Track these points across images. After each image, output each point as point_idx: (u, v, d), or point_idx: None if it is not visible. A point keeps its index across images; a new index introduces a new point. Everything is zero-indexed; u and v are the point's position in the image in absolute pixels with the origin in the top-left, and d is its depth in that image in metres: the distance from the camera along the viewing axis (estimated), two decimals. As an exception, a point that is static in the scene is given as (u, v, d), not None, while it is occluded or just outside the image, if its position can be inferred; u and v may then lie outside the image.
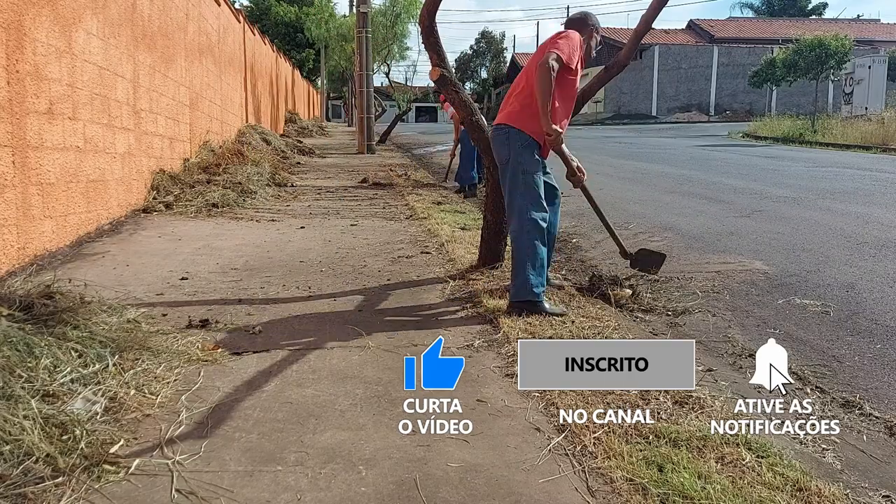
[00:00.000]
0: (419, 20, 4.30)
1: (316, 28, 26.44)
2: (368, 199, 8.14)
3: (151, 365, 2.55)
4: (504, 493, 1.82)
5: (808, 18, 46.11)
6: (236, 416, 2.24)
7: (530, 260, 3.42)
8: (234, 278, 4.12)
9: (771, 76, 24.18)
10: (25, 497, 1.71)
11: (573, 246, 5.77)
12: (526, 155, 3.51)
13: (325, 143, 20.82)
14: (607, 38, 4.74)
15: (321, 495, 1.79)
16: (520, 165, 3.52)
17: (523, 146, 3.51)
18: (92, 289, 3.25)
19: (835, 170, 11.03)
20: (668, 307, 3.89)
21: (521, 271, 3.42)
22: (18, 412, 1.91)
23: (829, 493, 1.85)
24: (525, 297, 3.39)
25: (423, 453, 2.02)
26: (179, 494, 1.78)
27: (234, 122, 12.33)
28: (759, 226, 6.13)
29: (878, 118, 18.42)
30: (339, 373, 2.64)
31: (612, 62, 4.02)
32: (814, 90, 23.16)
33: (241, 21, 13.83)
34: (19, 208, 4.02)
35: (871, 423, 2.48)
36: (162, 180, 6.97)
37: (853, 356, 3.13)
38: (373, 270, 4.36)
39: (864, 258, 4.79)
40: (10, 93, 3.91)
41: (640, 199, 8.02)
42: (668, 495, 1.79)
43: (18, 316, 2.48)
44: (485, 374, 2.66)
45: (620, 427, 2.17)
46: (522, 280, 3.41)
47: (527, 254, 3.44)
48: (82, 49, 4.96)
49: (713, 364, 3.03)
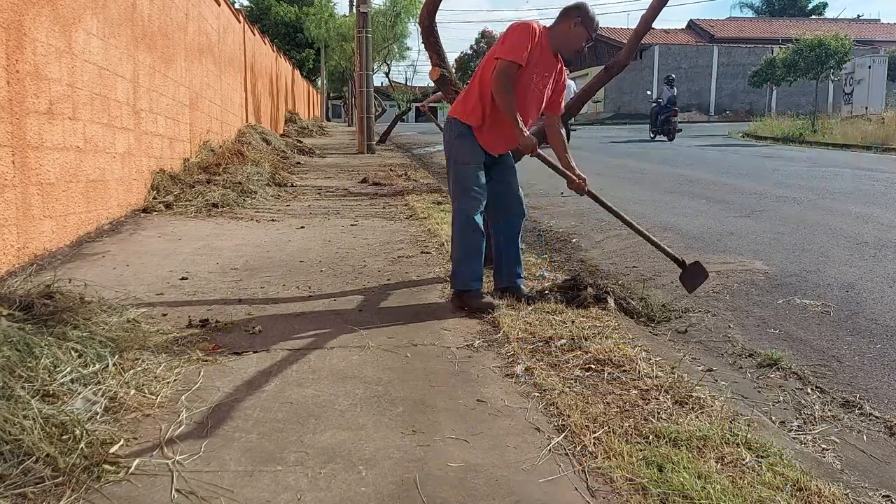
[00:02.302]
0: (419, 20, 4.30)
1: (316, 28, 26.44)
2: (368, 199, 8.14)
3: (151, 365, 2.55)
4: (504, 493, 1.82)
5: (808, 18, 46.13)
6: (236, 416, 2.24)
7: (461, 251, 3.47)
8: (234, 278, 4.12)
9: (771, 76, 24.18)
10: (25, 497, 1.71)
11: (573, 246, 5.77)
12: (457, 144, 3.46)
13: (325, 142, 20.82)
14: (607, 38, 4.76)
15: (321, 495, 1.79)
16: (452, 155, 3.50)
17: (456, 135, 3.46)
18: (92, 289, 3.25)
19: (835, 170, 11.03)
20: (668, 307, 3.89)
21: (454, 263, 3.51)
22: (18, 412, 1.91)
23: (829, 493, 1.85)
24: (458, 288, 3.47)
25: (422, 453, 2.02)
26: (179, 494, 1.78)
27: (234, 121, 12.33)
28: (759, 226, 6.13)
29: (878, 118, 18.43)
30: (339, 373, 2.64)
31: (612, 62, 4.02)
32: (814, 90, 23.17)
33: (241, 21, 13.83)
34: (19, 208, 4.02)
35: (871, 423, 2.48)
36: (162, 180, 6.97)
37: (853, 356, 3.13)
38: (373, 270, 4.36)
39: (864, 258, 4.79)
40: (10, 93, 3.91)
41: (640, 199, 8.02)
42: (667, 495, 1.79)
43: (18, 316, 2.48)
44: (485, 374, 2.66)
45: (620, 427, 2.17)
46: (455, 271, 3.50)
47: (458, 245, 3.49)
48: (82, 49, 4.96)
49: (713, 364, 3.03)
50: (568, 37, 3.34)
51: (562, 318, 3.30)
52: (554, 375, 2.60)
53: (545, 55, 3.32)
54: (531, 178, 10.23)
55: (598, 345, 2.92)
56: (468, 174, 3.45)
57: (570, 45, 3.37)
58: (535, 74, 3.32)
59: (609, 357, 2.78)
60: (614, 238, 5.94)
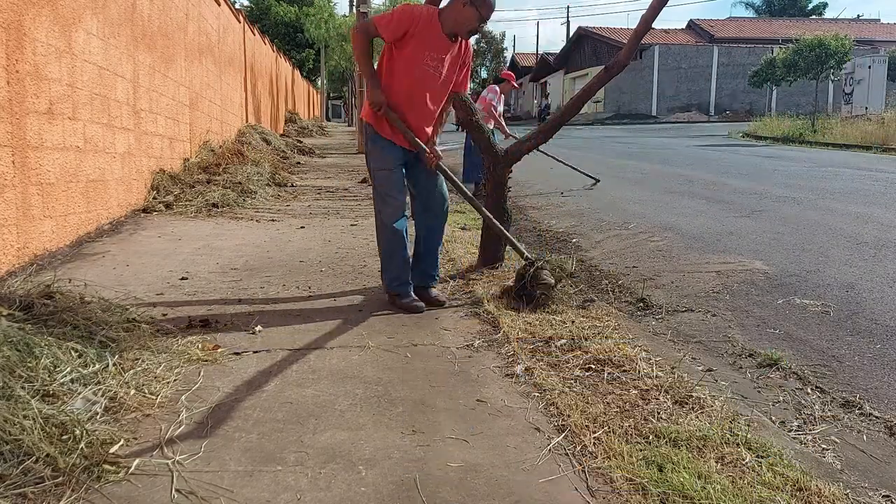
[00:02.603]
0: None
1: (316, 28, 26.45)
2: (368, 199, 8.13)
3: (151, 365, 2.55)
4: (504, 493, 1.82)
5: (808, 18, 46.11)
6: (236, 416, 2.24)
7: (383, 257, 3.59)
8: (234, 278, 4.12)
9: (771, 76, 24.18)
10: (25, 497, 1.71)
11: (573, 245, 5.77)
12: (370, 150, 3.56)
13: (325, 142, 20.82)
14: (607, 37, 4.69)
15: (321, 495, 1.79)
16: (369, 162, 3.60)
17: (369, 140, 3.56)
18: (92, 289, 3.25)
19: (835, 170, 11.03)
20: (668, 307, 3.89)
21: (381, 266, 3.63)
22: (18, 412, 1.91)
23: (829, 493, 1.85)
24: (385, 290, 3.61)
25: (422, 453, 2.02)
26: (179, 494, 1.78)
27: (233, 121, 12.33)
28: (759, 226, 6.12)
29: (878, 118, 18.43)
30: (339, 373, 2.64)
31: (612, 62, 4.02)
32: (814, 90, 23.17)
33: (241, 21, 13.83)
34: (19, 208, 4.02)
35: (871, 423, 2.48)
36: (162, 180, 6.97)
37: (853, 356, 3.13)
38: (373, 270, 4.36)
39: (864, 258, 4.79)
40: (10, 93, 3.91)
41: (640, 199, 8.02)
42: (667, 495, 1.79)
43: (18, 316, 2.48)
44: (485, 374, 2.66)
45: (620, 427, 2.17)
46: (381, 275, 3.64)
47: (381, 250, 3.60)
48: (82, 49, 4.96)
49: (713, 364, 3.03)
50: (459, 18, 3.39)
51: (562, 318, 3.30)
52: (554, 375, 2.60)
53: (436, 36, 3.40)
54: (531, 178, 10.24)
55: (598, 345, 2.92)
56: (383, 180, 3.53)
57: (463, 25, 3.40)
58: (427, 56, 3.41)
59: (609, 357, 2.78)
60: (614, 238, 5.93)
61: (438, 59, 3.44)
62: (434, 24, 3.39)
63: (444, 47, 3.44)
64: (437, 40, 3.41)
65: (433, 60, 3.43)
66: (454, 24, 3.40)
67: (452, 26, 3.41)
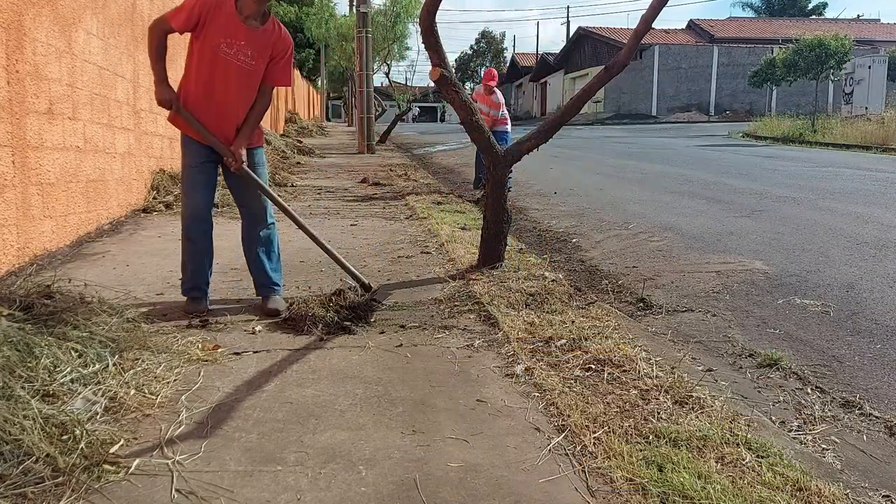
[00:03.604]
0: (419, 20, 4.30)
1: (316, 28, 26.41)
2: (368, 199, 8.13)
3: (151, 365, 2.55)
4: (504, 493, 1.82)
5: (808, 18, 46.08)
6: (236, 416, 2.24)
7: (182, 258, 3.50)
8: (234, 278, 4.12)
9: (771, 76, 24.16)
10: (25, 497, 1.71)
11: (573, 246, 5.77)
12: (181, 147, 3.49)
13: (325, 143, 20.82)
14: (607, 37, 4.68)
15: (321, 495, 1.79)
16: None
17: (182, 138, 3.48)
18: (92, 289, 3.25)
19: (835, 170, 11.03)
20: (668, 307, 3.89)
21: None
22: (18, 412, 1.91)
23: (829, 493, 1.85)
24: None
25: (422, 453, 2.02)
26: (179, 494, 1.78)
27: (234, 122, 12.31)
28: (759, 226, 6.12)
29: (878, 118, 18.42)
30: (339, 373, 2.64)
31: (613, 62, 4.02)
32: (814, 90, 23.15)
33: (241, 21, 13.81)
34: (19, 208, 4.02)
35: (871, 423, 2.48)
36: (162, 180, 6.96)
37: (853, 356, 3.13)
38: (373, 270, 4.36)
39: (864, 258, 4.79)
40: (10, 93, 3.91)
41: (640, 199, 8.02)
42: (667, 495, 1.79)
43: (18, 316, 2.48)
44: (485, 374, 2.66)
45: (620, 427, 2.17)
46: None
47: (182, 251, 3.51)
48: (82, 49, 4.96)
49: (713, 364, 3.03)
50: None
51: (562, 318, 3.30)
52: (554, 375, 2.60)
53: (230, 19, 3.22)
54: (530, 178, 10.25)
55: (598, 345, 2.92)
56: (184, 178, 3.48)
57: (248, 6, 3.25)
58: (222, 42, 3.24)
59: (609, 357, 2.78)
60: (614, 238, 5.94)
61: (237, 45, 3.25)
62: (227, 7, 3.22)
63: (240, 33, 3.24)
64: (232, 25, 3.23)
65: (230, 47, 3.25)
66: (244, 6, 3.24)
67: (247, 11, 3.24)
